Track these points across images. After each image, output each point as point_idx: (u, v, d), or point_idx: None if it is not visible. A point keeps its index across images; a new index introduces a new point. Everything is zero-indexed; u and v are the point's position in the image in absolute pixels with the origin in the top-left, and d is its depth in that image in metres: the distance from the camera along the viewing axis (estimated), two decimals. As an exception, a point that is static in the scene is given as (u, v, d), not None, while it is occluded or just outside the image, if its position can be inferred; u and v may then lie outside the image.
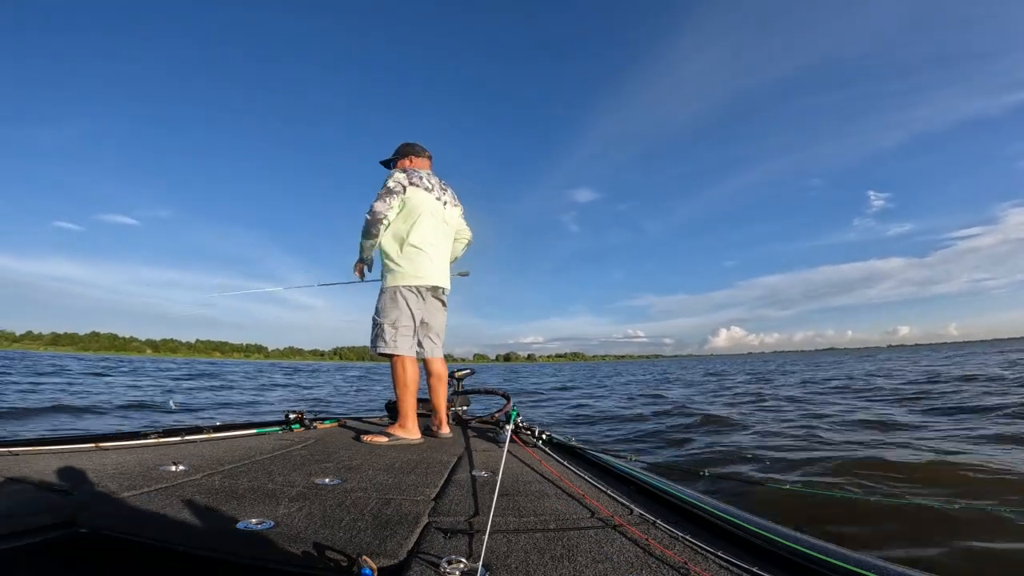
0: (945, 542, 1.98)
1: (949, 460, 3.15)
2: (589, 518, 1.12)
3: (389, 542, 0.91)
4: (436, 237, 2.44)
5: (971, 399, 6.32)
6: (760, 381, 13.66)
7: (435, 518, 1.08)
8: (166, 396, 8.92)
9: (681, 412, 6.72)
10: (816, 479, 3.03)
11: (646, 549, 0.92)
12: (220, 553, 0.88)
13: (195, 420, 5.73)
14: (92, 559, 0.96)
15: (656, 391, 11.48)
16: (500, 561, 0.84)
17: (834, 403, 7.06)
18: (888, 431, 4.54)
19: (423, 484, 1.37)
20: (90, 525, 0.98)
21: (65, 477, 1.30)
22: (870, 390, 8.70)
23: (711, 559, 0.88)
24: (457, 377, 3.01)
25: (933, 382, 9.42)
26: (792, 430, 4.76)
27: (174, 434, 2.01)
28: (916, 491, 2.70)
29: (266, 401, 9.58)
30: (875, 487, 2.78)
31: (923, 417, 5.27)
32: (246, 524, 0.98)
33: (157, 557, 0.92)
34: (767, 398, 8.31)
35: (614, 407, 8.11)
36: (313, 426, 2.57)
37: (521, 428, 2.27)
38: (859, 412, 5.85)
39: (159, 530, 0.96)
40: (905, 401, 6.71)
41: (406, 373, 2.28)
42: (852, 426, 4.90)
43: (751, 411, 6.66)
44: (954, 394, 7.07)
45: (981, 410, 5.35)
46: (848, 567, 0.77)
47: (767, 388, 10.77)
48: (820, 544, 0.87)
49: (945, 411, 5.57)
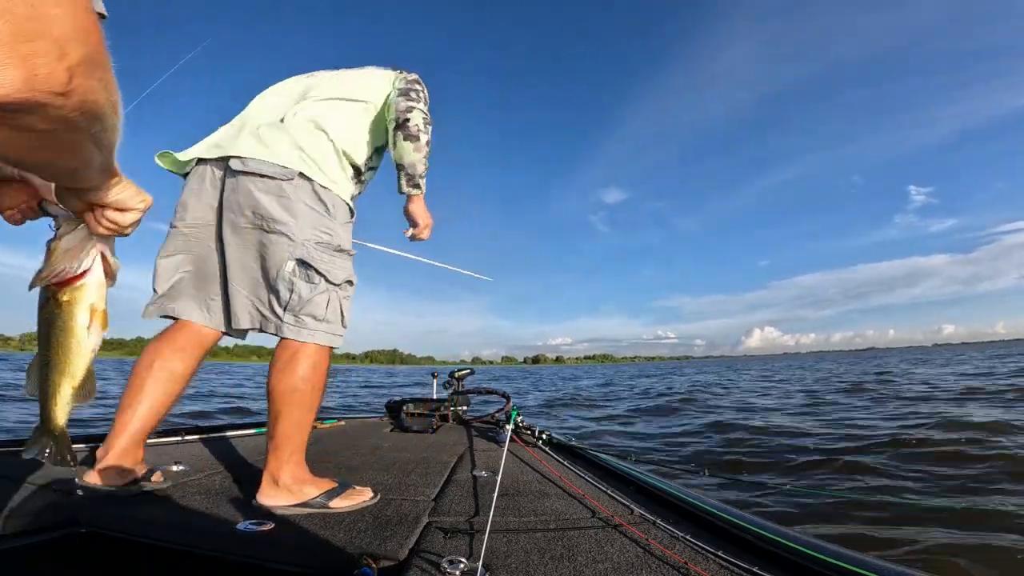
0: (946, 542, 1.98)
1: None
2: (589, 518, 1.12)
3: (389, 542, 0.91)
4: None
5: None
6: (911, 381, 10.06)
7: (435, 518, 1.08)
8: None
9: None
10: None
11: (646, 549, 0.92)
12: (220, 553, 0.88)
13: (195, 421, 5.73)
14: (92, 559, 0.96)
15: (808, 388, 9.72)
16: (500, 561, 0.84)
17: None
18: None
19: (423, 484, 1.37)
20: (90, 525, 0.98)
21: (65, 477, 1.30)
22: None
23: (711, 559, 0.88)
24: (457, 377, 3.01)
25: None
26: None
27: (174, 434, 2.01)
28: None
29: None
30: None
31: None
32: (246, 524, 0.98)
33: (157, 557, 0.92)
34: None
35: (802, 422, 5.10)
36: (313, 426, 2.57)
37: (521, 428, 2.27)
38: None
39: (159, 530, 0.96)
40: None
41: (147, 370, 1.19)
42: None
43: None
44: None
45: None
46: (848, 567, 0.77)
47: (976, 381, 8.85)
48: (820, 544, 0.87)
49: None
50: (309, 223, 1.18)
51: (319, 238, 1.19)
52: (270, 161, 1.17)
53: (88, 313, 0.57)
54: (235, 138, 1.24)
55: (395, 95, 1.38)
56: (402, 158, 1.36)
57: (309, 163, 1.21)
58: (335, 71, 1.46)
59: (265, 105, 1.37)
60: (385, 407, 2.96)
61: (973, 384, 8.45)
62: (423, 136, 1.36)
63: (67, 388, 0.59)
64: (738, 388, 11.53)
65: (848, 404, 6.89)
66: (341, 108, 1.34)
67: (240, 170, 1.17)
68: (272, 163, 1.17)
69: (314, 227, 1.19)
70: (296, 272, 1.16)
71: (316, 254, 1.18)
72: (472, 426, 2.69)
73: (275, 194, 1.16)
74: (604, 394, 11.55)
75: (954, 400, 6.55)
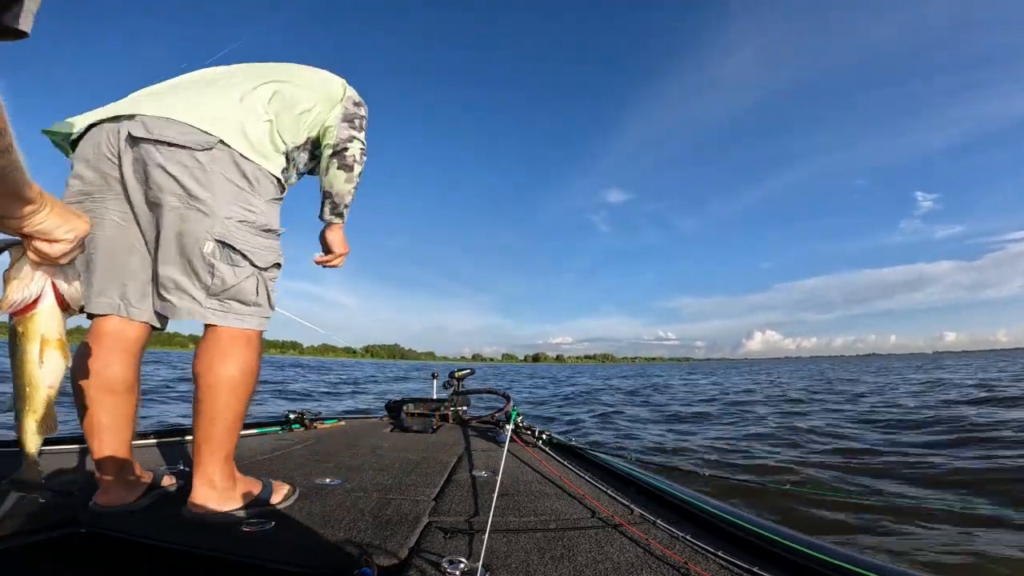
0: (946, 542, 1.98)
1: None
2: (589, 518, 1.12)
3: (389, 542, 0.91)
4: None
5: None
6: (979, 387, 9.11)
7: (435, 518, 1.08)
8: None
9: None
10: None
11: (646, 549, 0.92)
12: (220, 553, 0.88)
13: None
14: (92, 559, 0.96)
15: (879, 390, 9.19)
16: (500, 561, 0.84)
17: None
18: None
19: (423, 484, 1.37)
20: (90, 525, 0.98)
21: (66, 477, 1.30)
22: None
23: (711, 559, 0.88)
24: (457, 377, 3.01)
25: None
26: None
27: (174, 434, 2.01)
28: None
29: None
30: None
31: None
32: (246, 524, 0.98)
33: (157, 557, 0.92)
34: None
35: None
36: (313, 426, 2.57)
37: (521, 428, 2.27)
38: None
39: (159, 530, 0.96)
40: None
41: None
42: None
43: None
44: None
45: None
46: (848, 567, 0.77)
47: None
48: (820, 544, 0.87)
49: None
50: (228, 198, 1.03)
51: (241, 215, 1.05)
52: (186, 123, 1.01)
53: (38, 345, 0.54)
54: (147, 99, 1.06)
55: (339, 114, 1.30)
56: (332, 186, 1.32)
57: (233, 128, 1.05)
58: (288, 63, 1.34)
59: (202, 73, 1.23)
60: (385, 407, 2.96)
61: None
62: (357, 167, 1.32)
63: (30, 420, 0.57)
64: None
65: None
66: (286, 90, 1.20)
67: (143, 136, 0.99)
68: (187, 125, 1.01)
69: (234, 202, 1.04)
70: (216, 254, 1.02)
71: (238, 234, 1.04)
72: (472, 426, 2.69)
73: (187, 164, 1.00)
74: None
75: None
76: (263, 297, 1.10)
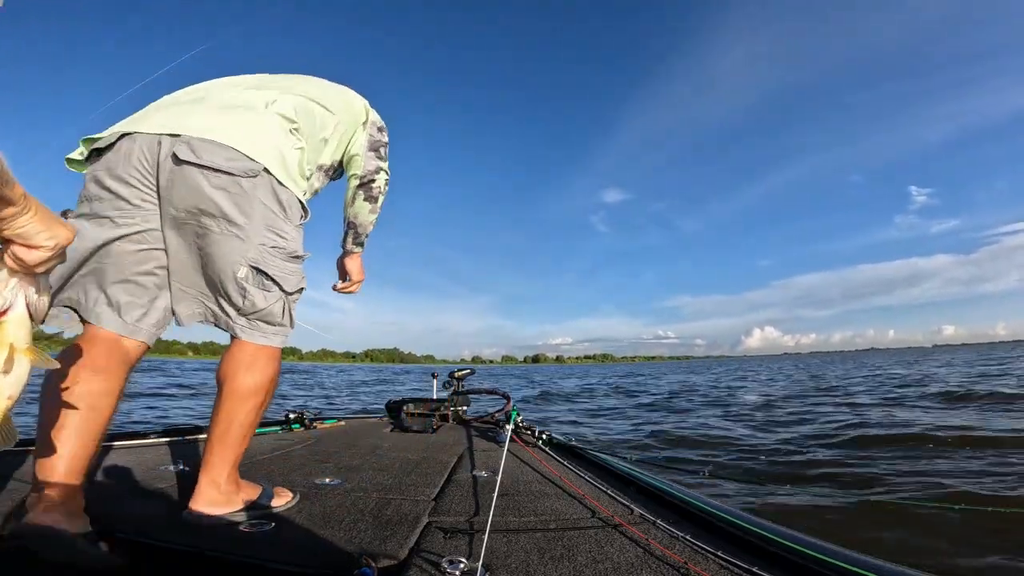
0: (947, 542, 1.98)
1: None
2: (589, 518, 1.12)
3: (389, 542, 0.91)
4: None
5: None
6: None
7: (435, 518, 1.08)
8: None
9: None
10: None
11: (646, 549, 0.92)
12: (220, 553, 0.88)
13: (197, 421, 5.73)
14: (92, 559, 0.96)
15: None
16: (500, 561, 0.84)
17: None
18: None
19: (423, 484, 1.37)
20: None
21: None
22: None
23: (711, 559, 0.88)
24: (457, 377, 3.01)
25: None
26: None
27: (174, 434, 2.01)
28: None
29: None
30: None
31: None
32: (246, 524, 0.98)
33: (157, 557, 0.92)
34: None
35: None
36: (313, 426, 2.57)
37: (521, 428, 2.27)
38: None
39: (159, 530, 0.96)
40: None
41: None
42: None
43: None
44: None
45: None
46: (848, 567, 0.77)
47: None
48: (820, 544, 0.87)
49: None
50: (264, 224, 1.04)
51: (274, 241, 1.06)
52: (232, 146, 1.00)
53: (5, 353, 0.52)
54: (187, 115, 1.03)
55: (364, 143, 1.33)
56: (356, 216, 1.36)
57: (274, 156, 1.06)
58: (313, 77, 1.33)
59: (232, 83, 1.19)
60: (385, 407, 2.96)
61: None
62: (381, 199, 1.36)
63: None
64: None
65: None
66: (317, 111, 1.22)
67: (190, 160, 0.96)
68: (234, 150, 1.00)
69: (269, 229, 1.05)
70: (249, 279, 1.03)
71: (270, 260, 1.06)
72: (472, 426, 2.69)
73: (230, 190, 1.00)
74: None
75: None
76: (287, 318, 1.13)
